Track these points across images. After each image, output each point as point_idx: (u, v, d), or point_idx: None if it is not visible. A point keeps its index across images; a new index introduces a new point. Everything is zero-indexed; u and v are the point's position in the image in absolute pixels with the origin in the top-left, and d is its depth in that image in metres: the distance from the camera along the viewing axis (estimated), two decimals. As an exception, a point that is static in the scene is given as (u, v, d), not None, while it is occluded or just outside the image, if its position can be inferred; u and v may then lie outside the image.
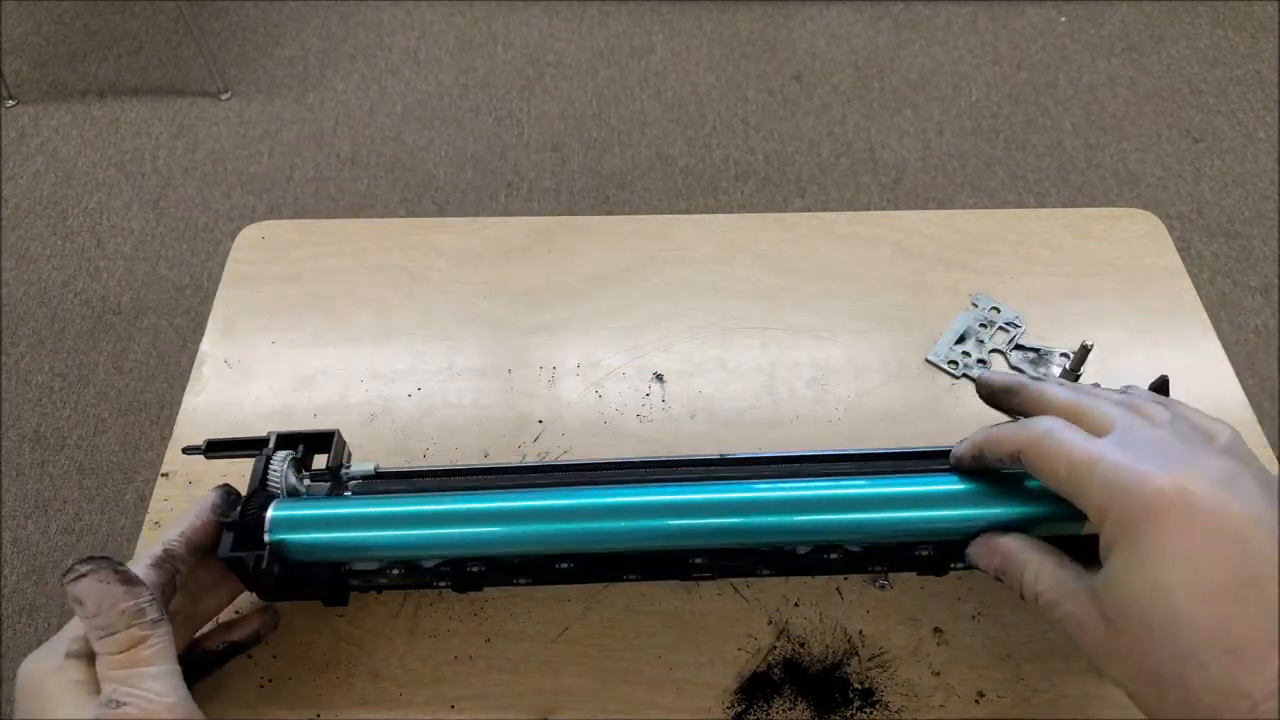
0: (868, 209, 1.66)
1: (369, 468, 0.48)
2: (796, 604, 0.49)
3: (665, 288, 0.62)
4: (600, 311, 0.61)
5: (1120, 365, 0.57)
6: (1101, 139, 1.76)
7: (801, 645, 0.47)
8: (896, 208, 1.66)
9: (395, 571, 0.45)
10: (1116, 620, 0.33)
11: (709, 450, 0.54)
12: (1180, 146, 1.75)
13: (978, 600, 0.48)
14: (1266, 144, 1.74)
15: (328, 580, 0.46)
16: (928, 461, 0.46)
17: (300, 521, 0.43)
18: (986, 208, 1.29)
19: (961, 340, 0.58)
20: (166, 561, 0.41)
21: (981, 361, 0.57)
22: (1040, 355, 0.57)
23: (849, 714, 0.45)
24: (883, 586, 0.49)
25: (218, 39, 2.00)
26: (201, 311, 1.53)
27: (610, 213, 1.69)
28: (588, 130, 1.81)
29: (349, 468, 0.48)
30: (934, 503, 0.42)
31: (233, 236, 0.66)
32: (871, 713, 0.45)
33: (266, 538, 0.42)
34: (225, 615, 0.47)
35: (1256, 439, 0.53)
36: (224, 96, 1.89)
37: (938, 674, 0.46)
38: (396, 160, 1.78)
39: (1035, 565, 0.38)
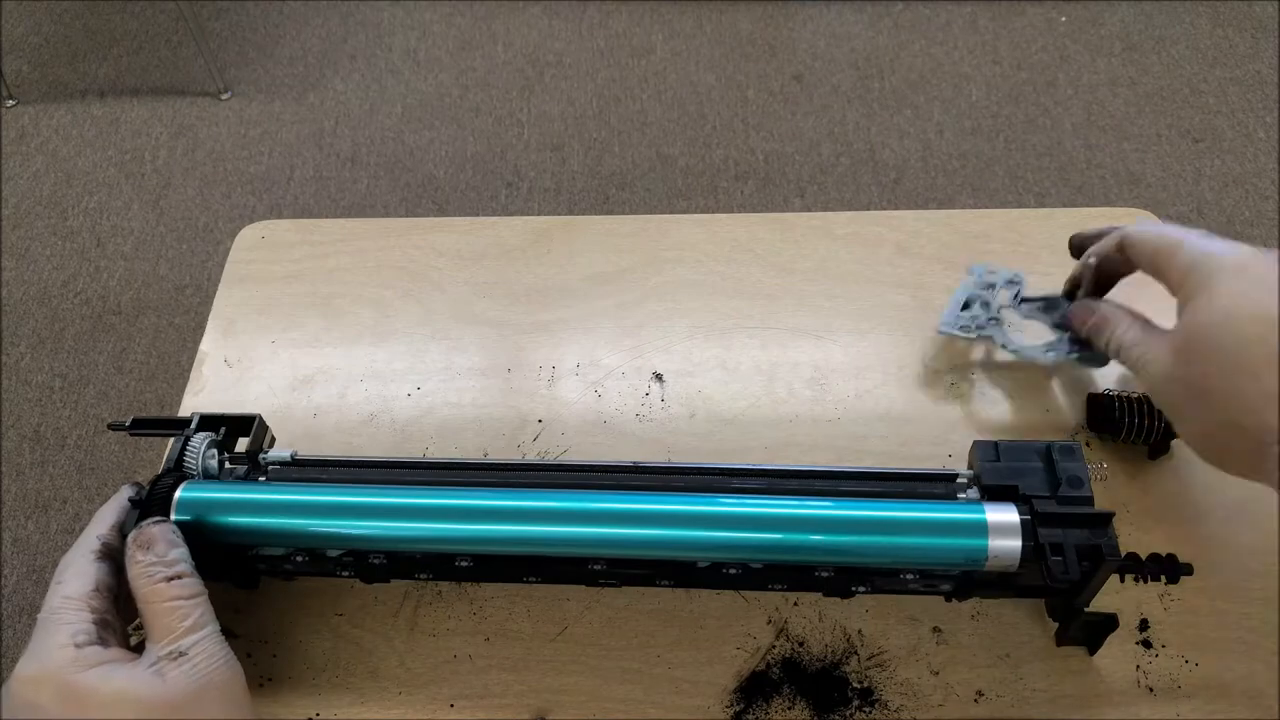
0: (868, 209, 1.66)
1: (286, 454, 0.48)
2: (796, 603, 0.49)
3: (665, 288, 0.62)
4: (600, 311, 0.61)
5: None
6: (1101, 139, 1.76)
7: (800, 644, 0.47)
8: (896, 208, 1.66)
9: (299, 559, 0.45)
10: (1185, 349, 0.42)
11: (708, 450, 0.55)
12: (1180, 146, 1.75)
13: (977, 600, 0.48)
14: (1266, 144, 1.74)
15: (236, 563, 0.46)
16: (874, 484, 0.46)
17: (206, 504, 0.44)
18: (986, 208, 1.29)
19: (967, 307, 0.58)
20: (107, 556, 0.42)
21: (994, 320, 0.56)
22: (1048, 302, 0.57)
23: (848, 713, 0.45)
24: (882, 586, 0.49)
25: (218, 39, 2.00)
26: (201, 311, 1.53)
27: (610, 213, 1.69)
28: (588, 130, 1.81)
29: (266, 453, 0.48)
30: (834, 528, 0.42)
31: (233, 236, 0.66)
32: (870, 712, 0.45)
33: (172, 517, 0.43)
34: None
35: (1256, 439, 0.53)
36: (224, 96, 1.89)
37: (937, 673, 0.46)
38: (396, 160, 1.78)
39: (1126, 323, 0.47)
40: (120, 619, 0.41)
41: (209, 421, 0.48)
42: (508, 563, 0.46)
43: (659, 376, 0.58)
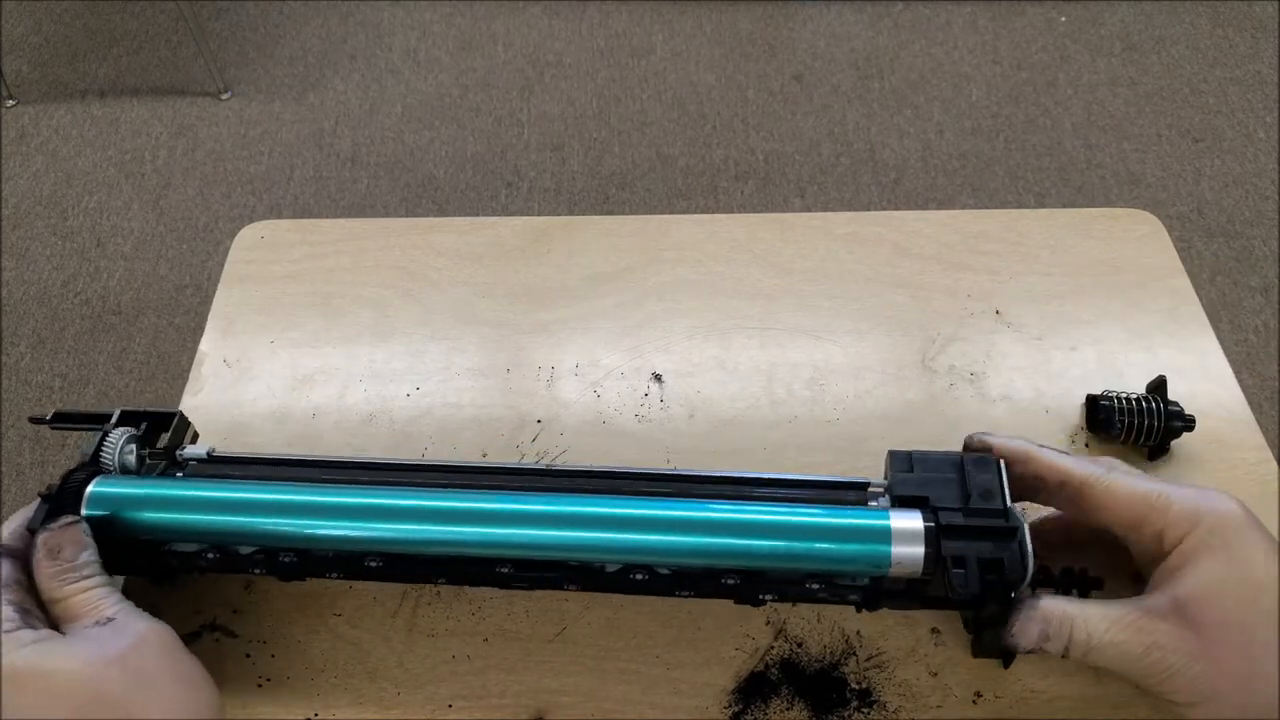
0: (868, 209, 1.66)
1: (202, 451, 0.48)
2: (794, 604, 0.49)
3: (664, 287, 0.62)
4: (599, 311, 0.61)
5: (1120, 365, 0.57)
6: (1101, 139, 1.76)
7: (799, 645, 0.47)
8: (896, 208, 1.66)
9: (211, 555, 0.45)
10: (1209, 624, 0.36)
11: (707, 451, 0.55)
12: (1180, 146, 1.74)
13: (976, 600, 0.48)
14: (1266, 144, 1.74)
15: (149, 558, 0.46)
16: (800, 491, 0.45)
17: (118, 499, 0.43)
18: (986, 208, 1.29)
19: None
20: (9, 554, 0.42)
21: None
22: None
23: (846, 714, 0.45)
24: (881, 586, 0.49)
25: (218, 39, 2.00)
26: (201, 311, 1.53)
27: (610, 213, 1.69)
28: (588, 130, 1.81)
29: (184, 449, 0.48)
30: (735, 531, 0.42)
31: (233, 236, 0.66)
32: (869, 713, 0.45)
33: (83, 512, 0.43)
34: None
35: (1255, 439, 0.53)
36: (224, 96, 1.89)
37: (935, 674, 0.46)
38: (396, 160, 1.78)
39: (1083, 616, 0.38)
40: (39, 607, 0.42)
41: (130, 417, 0.48)
42: (416, 563, 0.45)
43: (658, 377, 0.58)
